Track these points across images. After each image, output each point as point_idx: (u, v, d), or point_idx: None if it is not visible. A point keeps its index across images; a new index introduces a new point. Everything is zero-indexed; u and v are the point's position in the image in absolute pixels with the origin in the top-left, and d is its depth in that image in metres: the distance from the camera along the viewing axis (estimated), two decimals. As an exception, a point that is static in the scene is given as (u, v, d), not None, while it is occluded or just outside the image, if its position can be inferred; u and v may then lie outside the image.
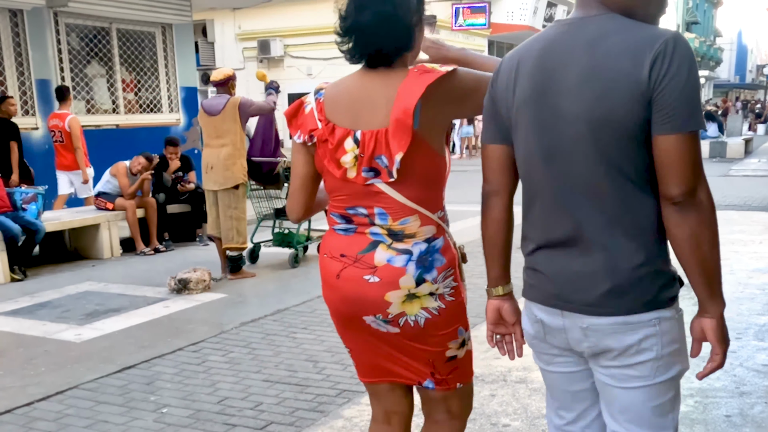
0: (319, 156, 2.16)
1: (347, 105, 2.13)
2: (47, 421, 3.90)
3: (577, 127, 1.74)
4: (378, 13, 2.05)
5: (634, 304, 1.79)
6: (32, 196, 7.82)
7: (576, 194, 1.80)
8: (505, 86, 1.91)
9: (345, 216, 2.19)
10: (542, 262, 1.93)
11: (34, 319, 5.89)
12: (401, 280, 2.11)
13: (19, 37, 9.00)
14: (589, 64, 1.72)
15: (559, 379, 2.04)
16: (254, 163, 7.36)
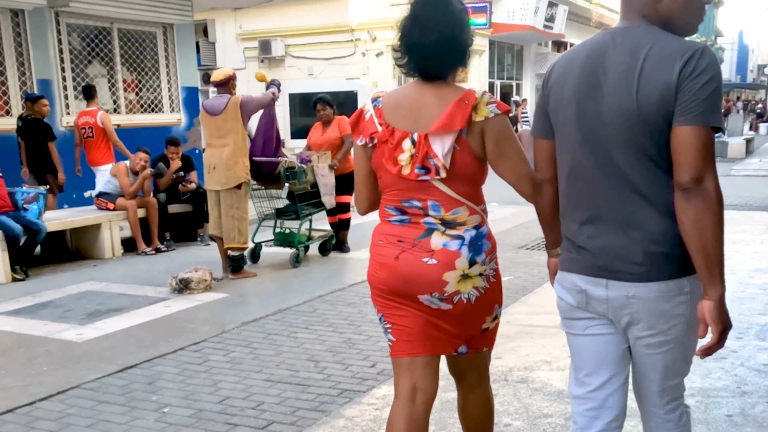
0: (377, 155, 2.48)
1: (406, 111, 2.43)
2: (49, 420, 3.90)
3: (616, 119, 2.04)
4: (443, 36, 2.38)
5: (671, 271, 2.05)
6: (33, 196, 7.82)
7: (615, 177, 2.07)
8: (555, 84, 2.21)
9: (400, 208, 2.50)
10: (584, 238, 2.18)
11: (35, 319, 5.89)
12: (457, 262, 2.41)
13: (21, 37, 9.00)
14: (630, 67, 2.01)
15: (593, 342, 2.24)
16: (255, 162, 7.36)
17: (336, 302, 6.14)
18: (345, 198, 8.17)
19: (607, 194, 2.11)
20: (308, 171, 7.50)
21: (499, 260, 2.66)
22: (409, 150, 2.40)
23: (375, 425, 3.68)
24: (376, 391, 4.14)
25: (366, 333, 5.22)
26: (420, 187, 2.43)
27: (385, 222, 2.57)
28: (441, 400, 3.95)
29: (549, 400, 3.93)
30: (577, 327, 2.28)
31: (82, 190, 9.61)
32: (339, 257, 8.08)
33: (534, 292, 6.24)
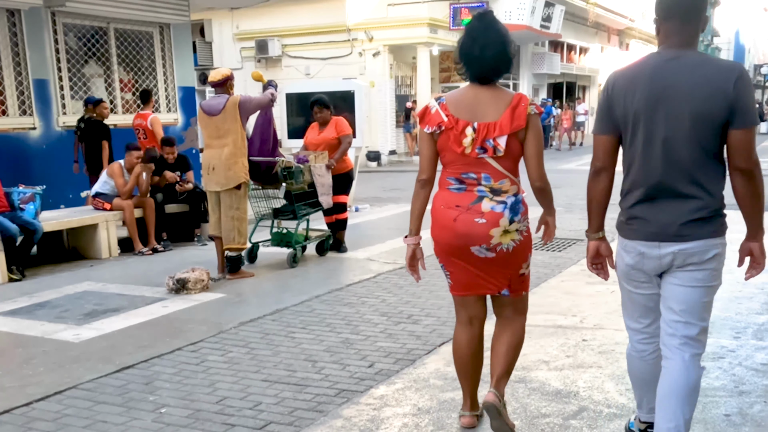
0: (442, 139, 3.27)
1: (467, 106, 3.25)
2: (46, 421, 3.89)
3: (684, 121, 2.76)
4: (495, 51, 3.23)
5: (709, 233, 2.85)
6: (30, 196, 7.80)
7: (675, 165, 2.81)
8: (622, 95, 2.88)
9: (459, 179, 3.29)
10: (642, 211, 2.92)
11: (32, 319, 5.88)
12: (500, 221, 3.23)
13: (17, 36, 8.98)
14: (693, 81, 2.74)
15: (643, 298, 3.09)
16: (253, 162, 7.35)
17: (333, 302, 6.13)
18: (342, 198, 8.17)
19: (665, 179, 2.83)
20: (305, 171, 7.50)
21: None
22: (470, 135, 3.20)
23: (373, 425, 3.67)
24: (374, 391, 4.14)
25: (363, 333, 5.22)
26: (477, 163, 3.23)
27: (445, 189, 3.34)
28: (439, 400, 3.96)
29: (547, 399, 3.93)
30: (632, 285, 3.09)
31: (78, 190, 9.59)
32: (336, 257, 8.07)
33: (532, 292, 6.17)
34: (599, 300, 5.91)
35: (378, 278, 6.96)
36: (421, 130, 3.35)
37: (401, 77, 24.45)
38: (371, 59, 22.28)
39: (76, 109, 9.77)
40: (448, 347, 4.85)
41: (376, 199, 13.40)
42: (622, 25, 38.97)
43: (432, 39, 22.23)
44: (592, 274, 3.29)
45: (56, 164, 9.33)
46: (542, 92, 32.29)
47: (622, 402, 3.87)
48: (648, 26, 43.18)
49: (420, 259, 3.55)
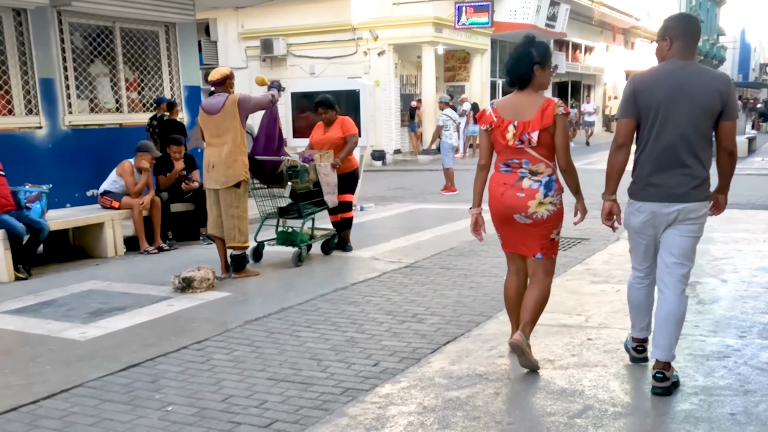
0: (494, 134, 4.28)
1: (510, 109, 4.25)
2: (52, 419, 3.91)
3: (695, 112, 3.78)
4: (530, 63, 4.23)
5: (703, 196, 3.88)
6: (36, 195, 7.83)
7: (683, 144, 3.82)
8: (644, 89, 3.88)
9: (506, 163, 4.29)
10: (656, 179, 3.89)
11: (38, 318, 5.90)
12: (536, 195, 4.19)
13: (23, 36, 8.99)
14: (700, 83, 3.80)
15: (648, 246, 4.06)
16: (258, 161, 7.36)
17: (338, 301, 6.14)
18: (347, 197, 8.18)
19: (675, 154, 3.83)
20: (311, 170, 7.51)
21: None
22: (511, 131, 4.19)
23: (378, 423, 3.68)
24: (379, 389, 4.15)
25: (369, 332, 5.23)
26: (518, 152, 4.22)
27: (497, 171, 4.36)
28: (444, 398, 3.96)
29: (552, 398, 3.94)
30: (641, 237, 4.07)
31: (84, 188, 9.62)
32: (341, 256, 8.08)
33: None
34: (604, 299, 5.91)
35: (383, 277, 6.96)
36: (480, 127, 4.44)
37: (406, 76, 24.44)
38: (376, 58, 22.27)
39: (82, 108, 9.78)
40: (453, 346, 4.86)
41: (381, 198, 13.40)
42: (628, 24, 38.90)
43: (437, 38, 22.21)
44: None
45: (62, 163, 9.34)
46: (547, 91, 32.21)
47: (628, 401, 3.88)
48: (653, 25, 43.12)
49: (482, 225, 4.52)
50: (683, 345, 4.74)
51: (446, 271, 7.09)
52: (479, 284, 6.55)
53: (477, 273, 6.99)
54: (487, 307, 5.78)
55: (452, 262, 7.55)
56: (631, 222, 4.05)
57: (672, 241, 3.92)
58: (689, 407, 3.76)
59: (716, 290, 6.11)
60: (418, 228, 9.73)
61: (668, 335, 3.91)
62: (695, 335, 4.93)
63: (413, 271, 7.19)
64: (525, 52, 4.24)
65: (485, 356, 4.65)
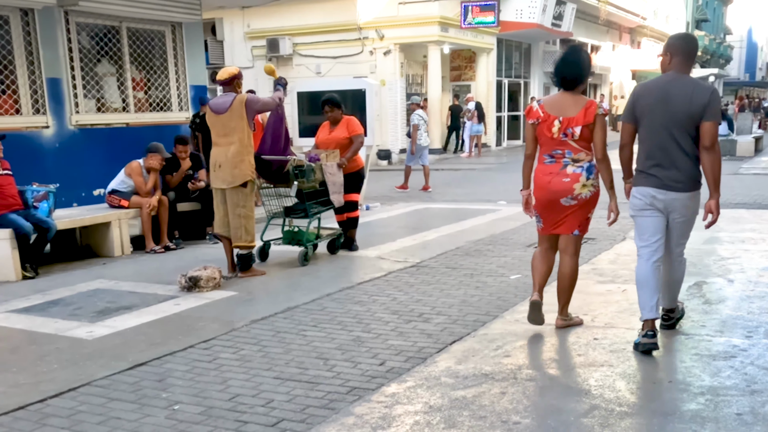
0: (540, 128, 4.91)
1: (556, 106, 4.92)
2: (60, 417, 3.93)
3: (679, 116, 4.45)
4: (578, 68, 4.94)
5: (693, 186, 4.55)
6: (43, 194, 7.87)
7: (673, 143, 4.50)
8: (641, 97, 4.64)
9: (550, 155, 4.94)
10: (656, 172, 4.57)
11: (46, 317, 5.92)
12: (580, 179, 4.85)
13: (30, 36, 9.02)
14: (687, 93, 4.45)
15: (651, 222, 4.68)
16: (264, 161, 7.37)
17: (345, 300, 6.15)
18: (353, 196, 8.18)
19: (667, 151, 4.54)
20: (317, 169, 7.52)
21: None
22: (557, 125, 4.84)
23: (384, 422, 3.69)
24: (386, 389, 4.15)
25: (375, 331, 5.23)
26: (561, 143, 4.88)
27: (542, 163, 5.00)
28: (450, 398, 3.97)
29: (558, 398, 3.94)
30: (644, 214, 4.70)
31: (91, 188, 9.65)
32: (347, 255, 8.09)
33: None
34: (610, 299, 5.90)
35: (389, 276, 6.97)
36: (526, 122, 5.04)
37: (412, 76, 24.45)
38: (382, 58, 22.28)
39: (89, 108, 9.81)
40: (459, 345, 4.87)
41: (387, 198, 13.41)
42: (634, 23, 38.82)
43: (443, 37, 22.21)
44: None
45: (69, 163, 9.37)
46: (553, 91, 32.04)
47: (634, 401, 3.87)
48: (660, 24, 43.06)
49: (532, 204, 5.11)
50: (690, 345, 4.74)
51: (452, 271, 7.10)
52: (485, 284, 6.55)
53: (483, 272, 6.99)
54: (493, 307, 5.78)
55: (458, 261, 7.55)
56: (635, 204, 4.74)
57: (673, 225, 4.72)
58: (696, 407, 3.76)
59: (723, 290, 6.10)
60: (424, 227, 9.73)
61: (674, 290, 4.98)
62: (702, 335, 4.93)
63: (419, 270, 7.20)
64: (579, 59, 5.01)
65: (491, 356, 4.65)
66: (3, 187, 7.48)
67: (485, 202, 12.30)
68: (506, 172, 17.57)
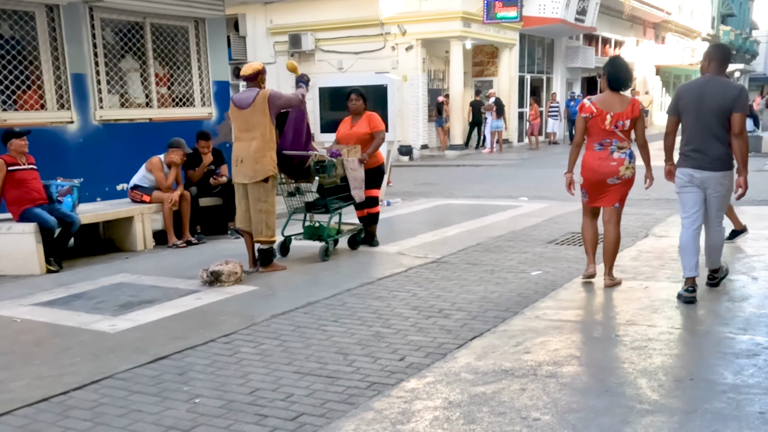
0: (592, 121, 5.95)
1: (606, 103, 5.94)
2: (83, 409, 3.97)
3: (714, 109, 5.47)
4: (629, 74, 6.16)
5: (725, 167, 5.53)
6: (68, 189, 7.94)
7: (708, 132, 5.50)
8: (683, 95, 5.69)
9: (600, 143, 5.96)
10: (693, 154, 5.57)
11: (69, 310, 5.98)
12: (624, 162, 5.93)
13: (55, 32, 9.10)
14: (720, 90, 5.50)
15: (691, 197, 5.63)
16: (286, 156, 7.39)
17: (365, 296, 6.16)
18: (374, 192, 8.19)
19: (703, 138, 5.50)
20: (338, 165, 7.53)
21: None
22: (609, 119, 5.90)
23: (403, 418, 3.69)
24: (405, 384, 4.16)
25: (395, 327, 5.24)
26: (610, 134, 5.94)
27: (591, 150, 6.05)
28: (470, 393, 3.96)
29: (578, 394, 3.92)
30: (684, 191, 5.67)
31: (114, 183, 9.73)
32: (368, 251, 8.10)
33: (563, 287, 6.21)
34: (632, 296, 5.87)
35: (409, 272, 6.97)
36: (579, 116, 6.17)
37: (434, 71, 24.40)
38: (404, 53, 22.24)
39: (112, 103, 9.89)
40: (479, 341, 4.86)
41: (408, 194, 13.40)
42: (659, 18, 38.46)
43: (465, 33, 22.13)
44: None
45: (93, 158, 9.46)
46: (576, 86, 31.98)
47: (655, 398, 3.85)
48: (684, 19, 42.61)
49: (573, 183, 6.31)
50: (713, 342, 4.70)
51: (472, 267, 7.08)
52: (505, 280, 6.54)
53: (503, 269, 6.97)
54: (513, 303, 5.76)
55: (479, 257, 7.54)
56: (678, 182, 5.77)
57: (710, 200, 5.65)
58: (718, 405, 3.73)
59: (746, 288, 6.04)
60: (445, 223, 9.72)
61: (716, 254, 5.92)
62: (724, 333, 4.88)
63: (439, 266, 7.19)
64: (628, 67, 6.22)
65: (511, 352, 4.64)
66: (28, 182, 7.57)
67: (506, 198, 12.25)
68: (527, 168, 17.52)
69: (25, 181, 7.54)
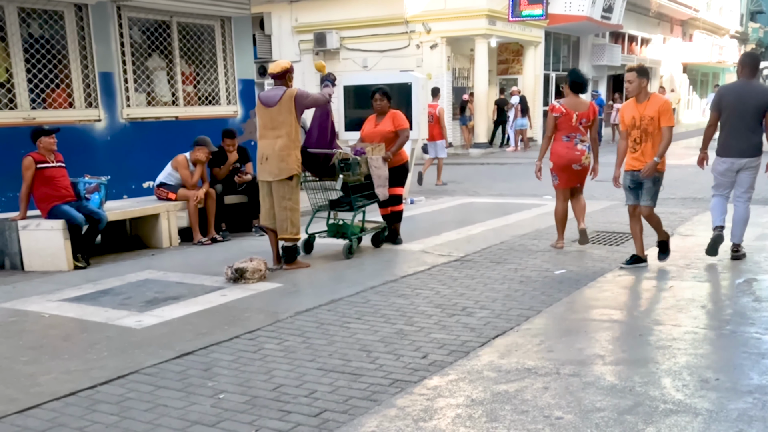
0: (562, 119, 7.55)
1: (573, 104, 7.62)
2: (109, 404, 4.02)
3: (751, 107, 6.77)
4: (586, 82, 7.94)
5: (756, 153, 6.87)
6: (95, 186, 8.03)
7: (744, 125, 6.80)
8: (725, 95, 6.98)
9: (567, 136, 7.57)
10: (730, 143, 6.87)
11: (96, 306, 6.06)
12: (585, 152, 7.62)
13: (84, 31, 9.21)
14: (754, 93, 6.84)
15: (726, 181, 6.98)
16: (310, 154, 7.42)
17: (388, 293, 6.17)
18: (398, 190, 8.20)
19: (741, 131, 6.79)
20: (362, 163, 7.55)
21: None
22: (575, 117, 7.51)
23: (426, 415, 3.70)
24: (428, 381, 4.17)
25: (418, 324, 5.25)
26: (575, 129, 7.54)
27: (560, 140, 7.58)
28: (493, 392, 3.96)
29: (602, 394, 3.91)
30: (723, 176, 6.96)
31: (140, 181, 9.83)
32: (391, 249, 8.11)
33: (588, 286, 6.18)
34: (656, 295, 5.83)
35: (433, 270, 6.98)
36: (550, 115, 7.67)
37: (458, 69, 24.35)
38: (428, 51, 22.24)
39: (139, 102, 9.99)
40: (502, 340, 4.86)
41: (432, 192, 13.40)
42: (686, 16, 38.07)
43: (490, 31, 22.07)
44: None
45: (120, 155, 9.56)
46: (601, 84, 31.75)
47: (679, 398, 3.82)
48: (712, 16, 42.11)
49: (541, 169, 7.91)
50: (738, 342, 4.66)
51: (496, 265, 7.07)
52: (529, 278, 6.52)
53: (527, 267, 6.96)
54: (537, 302, 5.75)
55: (502, 256, 7.53)
56: (717, 168, 7.01)
57: (741, 179, 6.91)
58: (743, 406, 3.70)
59: (774, 288, 5.98)
60: (469, 221, 9.71)
61: (740, 231, 6.98)
62: (750, 333, 4.84)
63: (463, 264, 7.19)
64: (583, 77, 7.82)
65: (534, 350, 4.63)
66: (56, 179, 7.67)
67: (531, 197, 12.20)
68: (553, 167, 17.36)
69: (53, 179, 7.64)
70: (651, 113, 6.57)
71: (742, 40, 49.64)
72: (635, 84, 6.64)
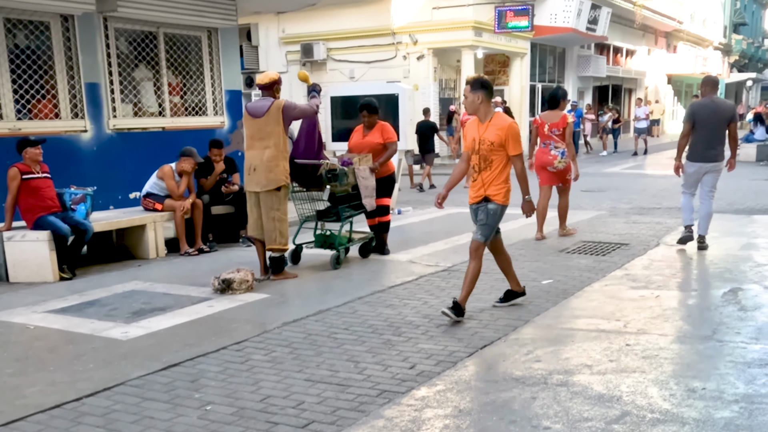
0: (539, 129, 9.18)
1: (547, 117, 9.19)
2: (95, 416, 4.00)
3: (719, 120, 7.98)
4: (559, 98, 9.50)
5: (720, 159, 8.08)
6: (81, 197, 7.99)
7: (714, 135, 8.01)
8: (698, 110, 8.09)
9: (544, 142, 9.12)
10: (705, 152, 8.02)
11: (82, 317, 6.02)
12: (558, 157, 9.03)
13: (70, 41, 9.18)
14: (719, 108, 8.04)
15: (694, 181, 8.22)
16: (297, 165, 7.43)
17: (376, 304, 6.17)
18: (385, 200, 8.21)
19: (710, 140, 7.97)
20: (349, 173, 7.56)
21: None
22: (546, 127, 9.04)
23: (414, 426, 3.70)
24: (415, 392, 4.16)
25: (405, 335, 5.25)
26: (549, 137, 9.05)
27: (540, 147, 9.16)
28: (480, 402, 3.97)
29: (589, 403, 3.92)
30: (692, 178, 8.20)
31: (127, 191, 9.80)
32: (379, 259, 8.11)
33: (575, 296, 6.21)
34: (643, 305, 5.86)
35: (420, 280, 6.98)
36: (532, 126, 9.42)
37: (445, 80, 24.44)
38: (415, 62, 22.31)
39: (126, 112, 9.96)
40: (489, 350, 4.86)
41: (419, 202, 13.41)
42: (670, 27, 38.41)
43: (477, 42, 22.17)
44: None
45: (106, 166, 9.52)
46: (587, 95, 31.95)
47: (666, 407, 3.84)
48: (696, 28, 42.50)
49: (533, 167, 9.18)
50: (724, 352, 4.69)
51: (483, 275, 7.05)
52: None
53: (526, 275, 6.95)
54: (524, 312, 5.77)
55: (489, 266, 7.51)
56: (687, 170, 8.14)
57: (706, 180, 8.04)
58: (730, 415, 3.72)
59: (759, 297, 6.02)
60: (456, 231, 9.72)
61: (705, 222, 8.07)
62: (736, 342, 4.87)
63: (450, 274, 7.20)
64: (558, 93, 9.25)
65: (522, 360, 4.64)
66: (42, 190, 7.63)
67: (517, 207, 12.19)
68: (539, 177, 17.41)
69: (39, 189, 7.60)
70: (491, 137, 5.52)
71: (726, 52, 50.12)
72: (469, 99, 5.58)
